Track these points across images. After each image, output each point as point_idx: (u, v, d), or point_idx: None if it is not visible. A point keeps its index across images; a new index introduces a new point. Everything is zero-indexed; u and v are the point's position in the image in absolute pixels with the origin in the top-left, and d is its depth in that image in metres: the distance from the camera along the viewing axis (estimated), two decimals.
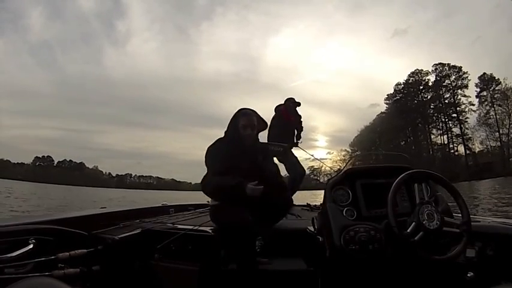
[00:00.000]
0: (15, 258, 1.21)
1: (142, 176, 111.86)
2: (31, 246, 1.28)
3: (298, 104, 4.30)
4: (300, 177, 4.05)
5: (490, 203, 12.06)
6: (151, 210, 2.47)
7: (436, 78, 55.36)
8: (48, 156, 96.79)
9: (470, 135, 52.56)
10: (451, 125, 54.42)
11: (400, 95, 58.99)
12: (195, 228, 1.80)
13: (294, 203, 3.73)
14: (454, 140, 54.21)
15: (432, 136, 56.24)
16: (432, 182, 1.45)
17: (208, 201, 3.40)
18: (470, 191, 19.27)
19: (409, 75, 58.34)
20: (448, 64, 53.89)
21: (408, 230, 1.25)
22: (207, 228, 1.82)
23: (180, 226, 1.88)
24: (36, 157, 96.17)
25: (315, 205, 3.21)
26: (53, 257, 1.34)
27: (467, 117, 52.73)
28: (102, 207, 2.19)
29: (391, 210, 1.27)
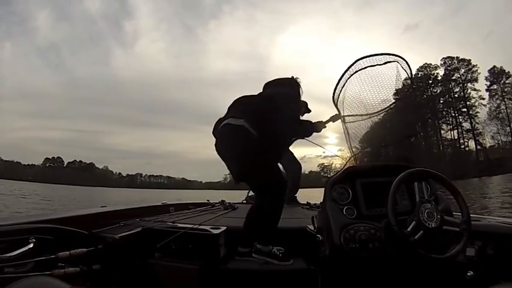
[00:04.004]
0: (15, 257, 1.21)
1: (152, 175, 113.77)
2: (31, 245, 1.29)
3: None
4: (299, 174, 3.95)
5: None
6: (151, 209, 2.48)
7: (445, 72, 54.58)
8: (58, 157, 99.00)
9: (480, 130, 51.88)
10: (461, 119, 53.76)
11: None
12: (196, 227, 1.80)
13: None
14: (464, 135, 53.55)
15: (442, 131, 55.54)
16: (432, 180, 1.44)
17: (208, 200, 3.42)
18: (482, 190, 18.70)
19: (417, 69, 57.55)
20: (457, 57, 53.21)
21: (408, 229, 1.24)
22: (208, 227, 1.82)
23: (180, 225, 1.89)
24: (46, 158, 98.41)
25: (315, 203, 3.19)
26: (53, 256, 1.34)
27: (477, 112, 52.04)
28: (102, 206, 2.21)
29: (391, 209, 1.26)
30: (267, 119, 1.99)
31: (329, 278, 1.45)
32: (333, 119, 2.49)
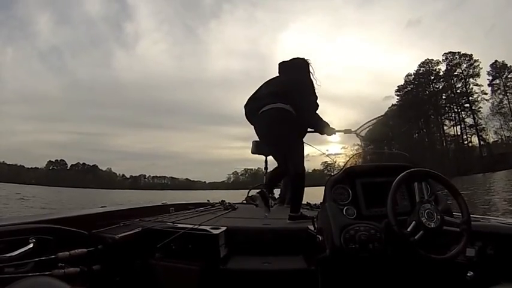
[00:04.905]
0: (15, 257, 1.21)
1: (156, 176, 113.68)
2: (31, 245, 1.29)
3: None
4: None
5: None
6: (151, 209, 2.47)
7: (447, 67, 54.32)
8: (61, 160, 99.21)
9: (483, 126, 51.61)
10: (463, 115, 53.57)
11: (411, 86, 58.07)
12: (196, 227, 1.80)
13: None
14: (467, 130, 53.33)
15: (445, 127, 55.34)
16: (432, 180, 1.43)
17: (208, 200, 3.41)
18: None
19: (419, 65, 57.58)
20: (458, 52, 52.99)
21: (408, 229, 1.23)
22: (208, 227, 1.82)
23: (180, 225, 1.88)
24: (50, 161, 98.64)
25: (315, 204, 3.18)
26: (53, 257, 1.34)
27: (480, 107, 51.80)
28: (102, 206, 2.20)
29: (391, 209, 1.26)
30: (301, 107, 2.59)
31: (329, 278, 1.45)
32: (346, 131, 2.92)
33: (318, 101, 2.75)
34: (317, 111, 2.75)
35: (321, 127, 2.75)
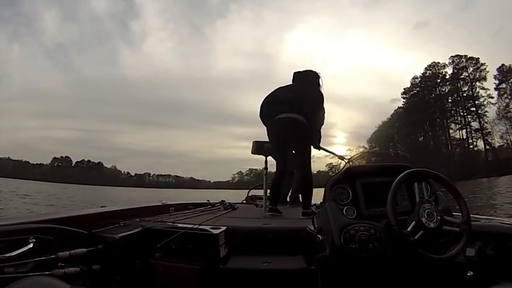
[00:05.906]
0: (15, 257, 1.22)
1: (161, 174, 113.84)
2: (31, 245, 1.29)
3: None
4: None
5: None
6: (151, 209, 2.48)
7: (453, 70, 53.87)
8: (66, 156, 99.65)
9: (489, 130, 51.04)
10: (469, 119, 52.98)
11: (417, 89, 57.71)
12: (196, 227, 1.80)
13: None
14: (473, 134, 52.74)
15: (451, 131, 54.85)
16: (432, 180, 1.43)
17: (208, 200, 3.42)
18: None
19: (425, 68, 57.16)
20: (465, 56, 52.50)
21: (408, 229, 1.23)
22: (208, 227, 1.82)
23: (180, 225, 1.88)
24: (55, 158, 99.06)
25: (315, 204, 3.18)
26: (53, 256, 1.35)
27: (486, 111, 51.19)
28: (102, 206, 2.21)
29: (391, 209, 1.26)
30: (311, 121, 2.96)
31: (329, 278, 1.45)
32: (340, 157, 3.33)
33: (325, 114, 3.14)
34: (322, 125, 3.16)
35: (317, 144, 3.23)
